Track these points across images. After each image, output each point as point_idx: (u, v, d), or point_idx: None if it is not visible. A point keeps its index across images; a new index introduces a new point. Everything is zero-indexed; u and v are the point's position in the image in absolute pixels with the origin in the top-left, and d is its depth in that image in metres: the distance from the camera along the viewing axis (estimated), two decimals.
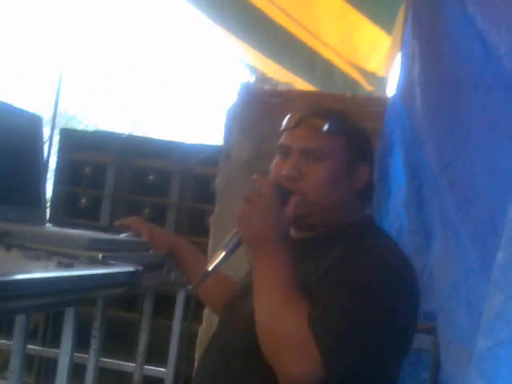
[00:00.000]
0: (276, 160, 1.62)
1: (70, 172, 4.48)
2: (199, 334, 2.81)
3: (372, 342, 1.38)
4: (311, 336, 1.32)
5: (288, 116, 1.64)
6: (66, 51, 5.35)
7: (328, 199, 1.56)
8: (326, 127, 1.56)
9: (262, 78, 4.86)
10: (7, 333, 3.82)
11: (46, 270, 1.19)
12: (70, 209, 4.43)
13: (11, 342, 1.51)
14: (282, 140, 1.62)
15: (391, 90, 2.70)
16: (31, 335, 4.12)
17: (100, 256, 1.39)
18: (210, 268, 1.48)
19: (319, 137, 1.56)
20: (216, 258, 1.48)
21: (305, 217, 1.55)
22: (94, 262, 1.34)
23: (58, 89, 5.94)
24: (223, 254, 1.48)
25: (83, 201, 4.42)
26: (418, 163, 2.13)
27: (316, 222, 1.58)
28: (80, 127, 19.14)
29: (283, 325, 1.36)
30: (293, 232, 1.59)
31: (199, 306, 2.33)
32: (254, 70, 5.46)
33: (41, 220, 1.90)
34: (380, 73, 4.60)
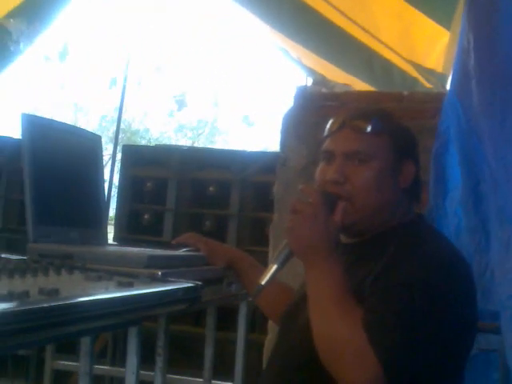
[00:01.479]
0: (320, 166, 1.61)
1: (132, 188, 4.53)
2: (265, 345, 2.80)
3: (430, 344, 1.36)
4: (368, 342, 1.31)
5: (330, 121, 1.64)
6: (127, 64, 5.42)
7: (375, 201, 1.54)
8: (368, 128, 1.55)
9: (319, 80, 4.81)
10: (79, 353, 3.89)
11: (106, 290, 1.20)
12: (134, 225, 4.48)
13: None
14: (325, 145, 1.61)
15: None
16: (100, 355, 4.18)
17: (159, 273, 1.40)
18: (262, 282, 1.47)
19: (362, 138, 1.55)
20: (268, 272, 1.47)
21: (353, 224, 1.54)
22: (153, 280, 1.35)
23: (121, 107, 6.04)
24: (275, 267, 1.47)
25: (146, 216, 4.48)
26: (474, 159, 2.07)
27: (364, 227, 1.57)
28: (143, 142, 19.57)
29: (339, 333, 1.35)
30: (341, 237, 1.58)
31: (265, 318, 2.31)
32: (311, 72, 5.44)
33: (102, 240, 1.93)
34: (439, 69, 4.51)
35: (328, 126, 1.63)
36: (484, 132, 1.94)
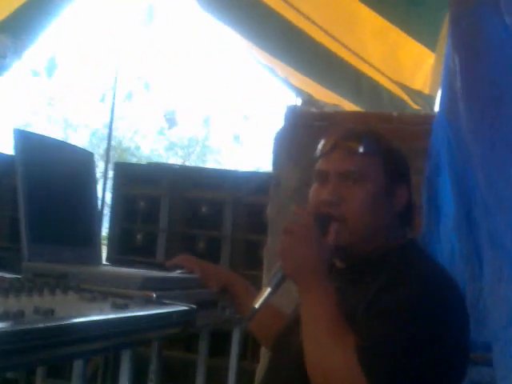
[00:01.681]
0: (314, 187, 1.60)
1: (125, 207, 4.52)
2: (256, 373, 2.74)
3: (423, 371, 1.36)
4: (360, 369, 1.31)
5: (322, 141, 1.63)
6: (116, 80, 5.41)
7: (369, 224, 1.54)
8: (361, 149, 1.55)
9: (309, 100, 4.84)
10: (68, 377, 3.84)
11: (101, 312, 1.21)
12: (127, 246, 4.46)
13: None
14: (318, 166, 1.61)
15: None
16: (91, 378, 4.13)
17: (154, 295, 1.40)
18: (256, 306, 1.47)
19: (356, 159, 1.55)
20: (262, 295, 1.48)
21: (347, 246, 1.54)
22: (148, 302, 1.35)
23: (111, 124, 6.05)
24: (268, 290, 1.47)
25: (138, 237, 4.46)
26: (466, 184, 2.06)
27: (358, 249, 1.56)
28: (133, 160, 19.54)
29: (331, 359, 1.35)
30: (336, 262, 1.60)
31: (257, 344, 2.26)
32: (300, 92, 5.47)
33: (96, 259, 1.93)
34: (426, 91, 4.55)
35: (320, 146, 1.63)
36: (474, 157, 1.94)
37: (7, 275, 1.46)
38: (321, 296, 1.41)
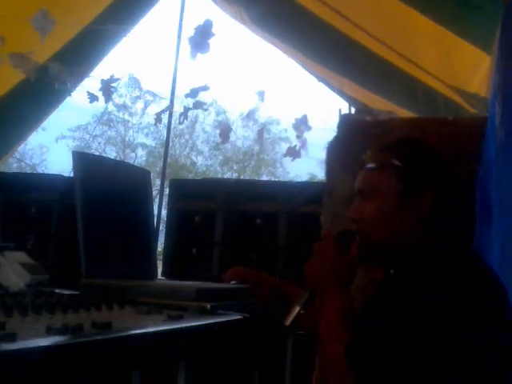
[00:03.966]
0: None
1: (180, 222, 4.56)
2: (313, 381, 2.74)
3: (408, 368, 1.33)
4: (346, 362, 1.38)
5: None
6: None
7: (386, 233, 1.58)
8: (368, 165, 1.62)
9: (363, 108, 4.81)
10: None
11: (157, 324, 1.23)
12: (182, 260, 4.49)
13: None
14: None
15: None
16: None
17: (208, 306, 1.43)
18: (287, 323, 1.59)
19: (367, 175, 1.63)
20: (291, 314, 1.59)
21: (373, 256, 1.62)
22: (202, 313, 1.38)
23: (167, 142, 6.15)
24: (297, 309, 1.59)
25: (194, 250, 4.49)
26: None
27: (386, 258, 1.61)
28: (189, 176, 19.79)
29: (327, 356, 1.46)
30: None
31: (311, 351, 2.25)
32: (354, 102, 5.46)
33: (151, 274, 1.96)
34: (482, 93, 4.47)
35: None
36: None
37: (66, 292, 1.50)
38: (331, 303, 1.52)
